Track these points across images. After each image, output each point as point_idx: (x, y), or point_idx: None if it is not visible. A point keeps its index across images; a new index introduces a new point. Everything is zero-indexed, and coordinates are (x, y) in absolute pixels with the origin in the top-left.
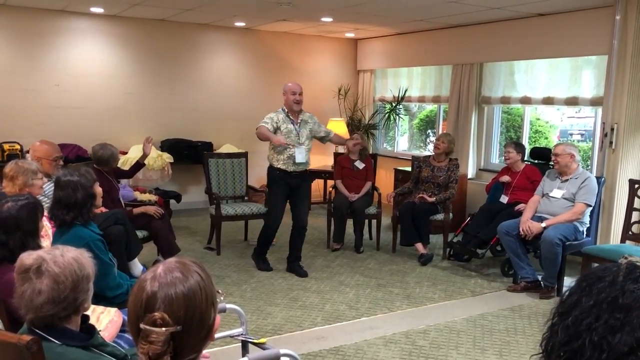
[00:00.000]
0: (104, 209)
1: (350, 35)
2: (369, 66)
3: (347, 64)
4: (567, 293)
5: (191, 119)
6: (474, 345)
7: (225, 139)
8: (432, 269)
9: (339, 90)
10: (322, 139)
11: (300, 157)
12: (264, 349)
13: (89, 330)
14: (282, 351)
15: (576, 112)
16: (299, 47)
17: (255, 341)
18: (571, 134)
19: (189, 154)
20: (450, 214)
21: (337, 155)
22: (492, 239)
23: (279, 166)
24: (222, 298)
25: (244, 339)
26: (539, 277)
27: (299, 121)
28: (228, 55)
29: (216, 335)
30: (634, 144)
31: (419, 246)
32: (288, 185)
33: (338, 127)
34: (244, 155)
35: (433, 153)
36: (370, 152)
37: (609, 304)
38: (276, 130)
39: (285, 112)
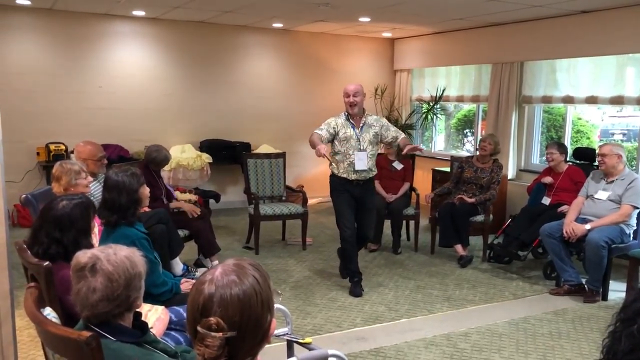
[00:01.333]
0: (147, 209)
1: (387, 34)
2: (406, 66)
3: (384, 63)
4: (630, 299)
5: (229, 119)
6: (517, 349)
7: (263, 139)
8: (472, 271)
9: (376, 90)
10: (391, 145)
11: (360, 164)
12: (309, 349)
13: (141, 327)
14: (330, 352)
15: (618, 111)
16: (335, 48)
17: (301, 341)
18: (612, 134)
19: (228, 155)
20: (491, 216)
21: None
22: (534, 241)
23: (340, 174)
24: (280, 299)
25: (289, 338)
26: (583, 281)
27: (361, 125)
28: (265, 57)
29: None
30: None
31: (459, 248)
32: (350, 194)
33: None
34: (282, 155)
35: (477, 154)
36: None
37: None
38: (334, 136)
39: (346, 115)
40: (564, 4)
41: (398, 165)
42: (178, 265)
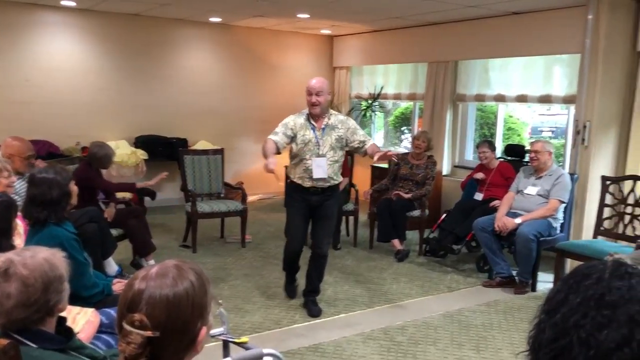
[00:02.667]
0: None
1: (327, 31)
2: (345, 63)
3: (323, 60)
4: (554, 290)
5: (166, 115)
6: (452, 341)
7: (201, 135)
8: (409, 265)
9: None
10: (357, 150)
11: (318, 171)
12: (245, 348)
13: (66, 332)
14: (265, 350)
15: (547, 110)
16: (275, 43)
17: (236, 341)
18: (542, 131)
19: (164, 151)
20: (426, 211)
21: None
22: (467, 235)
23: (294, 180)
24: (220, 309)
25: (225, 338)
26: (514, 273)
27: (322, 127)
28: (203, 51)
29: None
30: (605, 142)
31: (396, 242)
32: (306, 202)
33: None
34: (220, 151)
35: (411, 150)
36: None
37: (596, 301)
38: (293, 138)
39: (307, 115)
40: (497, 5)
41: None
42: (111, 266)
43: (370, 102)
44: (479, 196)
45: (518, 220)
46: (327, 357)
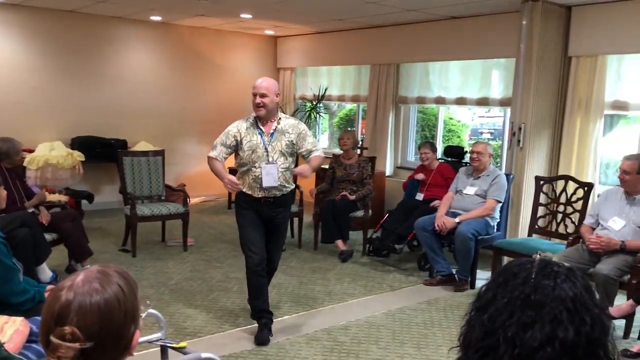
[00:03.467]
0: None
1: (270, 32)
2: (290, 64)
3: (267, 61)
4: (483, 289)
5: (104, 115)
6: (393, 339)
7: (141, 136)
8: (353, 265)
9: None
10: (305, 158)
11: (268, 179)
12: (184, 353)
13: None
14: (203, 355)
15: (486, 112)
16: (218, 43)
17: (175, 346)
18: (481, 133)
19: (102, 152)
20: (370, 211)
21: None
22: (409, 234)
23: (245, 190)
24: (149, 310)
25: (162, 344)
26: (454, 271)
27: (271, 131)
28: (144, 50)
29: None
30: (539, 143)
31: (339, 243)
32: (258, 214)
33: None
34: (161, 153)
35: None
36: None
37: (522, 301)
38: (238, 146)
39: (254, 119)
40: (436, 10)
41: None
42: (45, 272)
43: (314, 103)
44: (420, 196)
45: (457, 220)
46: (269, 359)
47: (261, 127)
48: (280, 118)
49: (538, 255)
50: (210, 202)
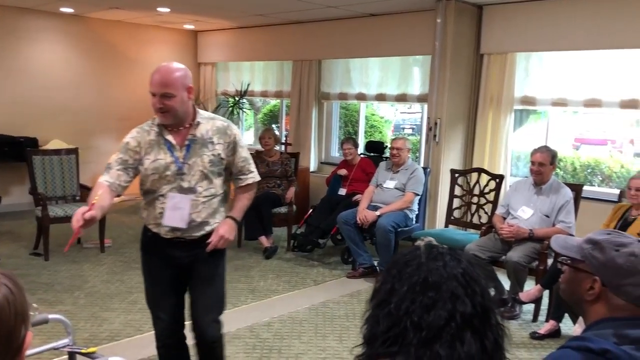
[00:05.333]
0: None
1: (190, 27)
2: (211, 59)
3: (187, 56)
4: (378, 285)
5: (12, 112)
6: (316, 333)
7: (54, 134)
8: (277, 262)
9: None
10: (236, 181)
11: (172, 217)
12: (93, 358)
13: None
14: (111, 359)
15: (408, 108)
16: (135, 37)
17: (83, 351)
18: (403, 128)
19: (10, 151)
20: (294, 207)
21: None
22: (332, 229)
23: (150, 227)
24: (37, 313)
25: (70, 350)
26: (375, 263)
27: (185, 143)
28: (55, 44)
29: (39, 349)
30: (454, 137)
31: (263, 239)
32: (170, 261)
33: None
34: (74, 151)
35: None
36: None
37: (420, 285)
38: (139, 164)
39: (158, 125)
40: (355, 7)
41: None
42: None
43: (237, 99)
44: (343, 191)
45: (377, 213)
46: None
47: (169, 137)
48: (198, 122)
49: (422, 242)
50: (129, 202)
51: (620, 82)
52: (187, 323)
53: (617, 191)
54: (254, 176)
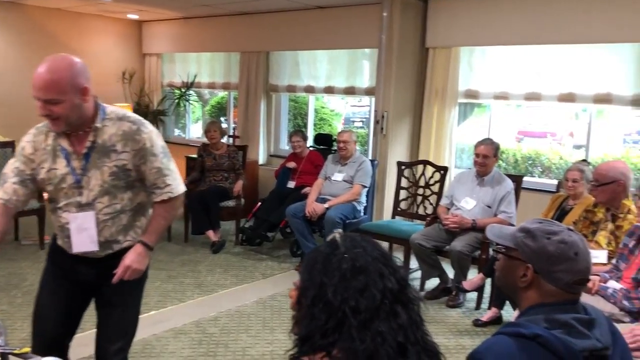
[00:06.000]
0: None
1: (134, 16)
2: (156, 50)
3: (132, 46)
4: (305, 284)
5: None
6: (264, 326)
7: None
8: (225, 256)
9: (123, 74)
10: (150, 195)
11: (80, 240)
12: (26, 358)
13: None
14: (46, 359)
15: (358, 101)
16: (76, 27)
17: (16, 352)
18: (354, 121)
19: None
20: (242, 200)
21: None
22: (281, 222)
23: (58, 240)
24: None
25: (2, 350)
26: None
27: (84, 151)
28: None
29: None
30: (401, 130)
31: (210, 234)
32: (72, 276)
33: None
34: (11, 144)
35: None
36: None
37: (351, 271)
38: (36, 173)
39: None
40: None
41: None
42: None
43: (183, 91)
44: (291, 184)
45: (326, 205)
46: (134, 357)
47: (65, 143)
48: (97, 126)
49: (336, 234)
50: None
51: (559, 76)
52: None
53: (556, 182)
54: (171, 190)
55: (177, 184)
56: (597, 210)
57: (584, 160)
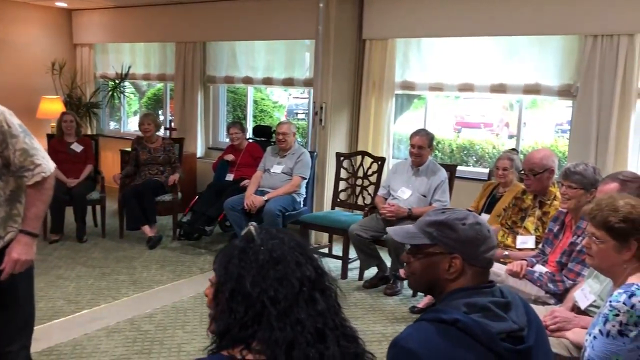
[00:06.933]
0: None
1: (62, 4)
2: (87, 40)
3: (61, 36)
4: (222, 279)
5: None
6: (201, 322)
7: None
8: (162, 251)
9: (53, 65)
10: (21, 179)
11: None
12: None
13: None
14: None
15: (301, 93)
16: (1, 15)
17: None
18: (297, 113)
19: None
20: (179, 194)
21: (50, 137)
22: (219, 215)
23: None
24: None
25: None
26: None
27: None
28: None
29: None
30: (340, 121)
31: (146, 229)
32: None
33: (54, 106)
34: None
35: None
36: (93, 133)
37: (268, 262)
38: None
39: None
40: None
41: (77, 147)
42: None
43: (117, 82)
44: (230, 177)
45: (265, 198)
46: (64, 358)
47: None
48: None
49: (251, 227)
50: None
51: (491, 68)
52: None
53: (487, 170)
54: (43, 170)
55: (46, 162)
56: (525, 198)
57: (514, 149)
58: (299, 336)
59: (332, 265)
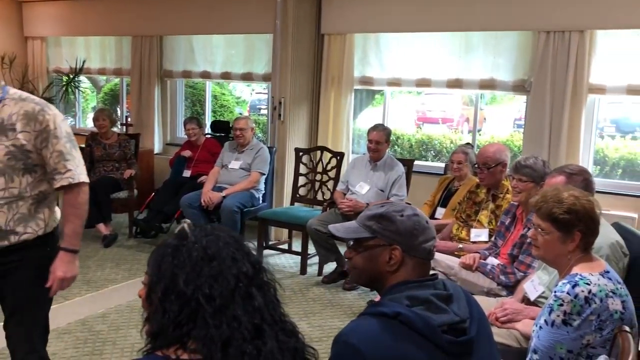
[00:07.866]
0: None
1: None
2: (39, 33)
3: (12, 29)
4: (154, 278)
5: None
6: None
7: None
8: (117, 249)
9: (2, 59)
10: (51, 182)
11: None
12: None
13: None
14: None
15: (264, 88)
16: None
17: None
18: (260, 108)
19: None
20: (135, 191)
21: None
22: (176, 212)
23: None
24: None
25: None
26: None
27: None
28: None
29: None
30: (299, 116)
31: (101, 227)
32: None
33: None
34: None
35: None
36: None
37: (203, 259)
38: None
39: None
40: None
41: None
42: None
43: (71, 77)
44: (187, 173)
45: (223, 194)
46: None
47: None
48: (3, 99)
49: (185, 225)
50: None
51: (447, 63)
52: None
53: (444, 165)
54: (72, 176)
55: (79, 172)
56: (479, 191)
57: (468, 144)
58: (235, 333)
59: (292, 261)
